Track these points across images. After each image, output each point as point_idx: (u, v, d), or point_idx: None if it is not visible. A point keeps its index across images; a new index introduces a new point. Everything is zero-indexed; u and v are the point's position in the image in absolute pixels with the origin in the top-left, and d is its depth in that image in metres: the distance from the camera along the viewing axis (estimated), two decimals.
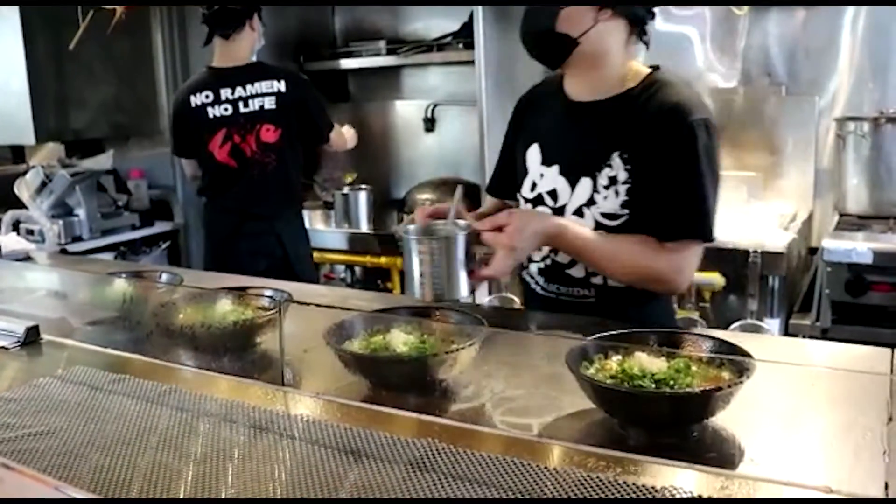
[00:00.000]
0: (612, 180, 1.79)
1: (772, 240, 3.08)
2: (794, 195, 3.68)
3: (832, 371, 1.49)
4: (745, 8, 3.23)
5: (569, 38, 1.81)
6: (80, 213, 4.38)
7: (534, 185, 1.93)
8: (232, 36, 3.28)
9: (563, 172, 1.87)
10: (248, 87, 3.23)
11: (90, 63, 4.55)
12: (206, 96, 3.25)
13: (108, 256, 4.40)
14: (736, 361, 1.33)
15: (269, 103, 3.23)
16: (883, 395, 1.29)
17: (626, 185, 1.78)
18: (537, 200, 1.91)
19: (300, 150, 3.43)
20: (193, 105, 3.27)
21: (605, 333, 1.50)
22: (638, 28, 1.85)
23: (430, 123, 4.54)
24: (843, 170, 3.49)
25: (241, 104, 3.23)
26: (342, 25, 4.81)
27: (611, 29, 1.81)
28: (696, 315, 3.07)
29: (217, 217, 3.46)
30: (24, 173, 4.58)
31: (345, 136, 3.60)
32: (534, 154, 1.95)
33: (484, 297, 3.33)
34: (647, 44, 1.89)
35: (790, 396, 1.40)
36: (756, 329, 2.95)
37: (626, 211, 1.78)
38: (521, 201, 1.97)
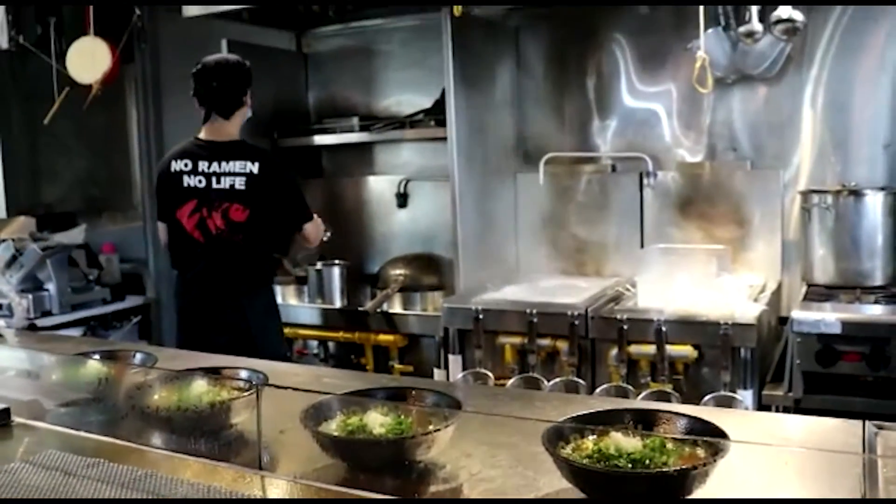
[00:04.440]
0: None
1: (742, 311, 3.11)
2: (763, 267, 3.74)
3: (806, 449, 1.51)
4: (710, 85, 3.32)
5: None
6: (51, 287, 4.35)
7: None
8: (232, 114, 3.33)
9: None
10: (224, 164, 3.25)
11: (65, 137, 4.58)
12: (185, 164, 3.27)
13: (78, 331, 4.36)
14: (710, 440, 1.34)
15: (240, 183, 3.24)
16: (856, 470, 1.30)
17: None
18: None
19: (273, 230, 3.39)
20: (173, 170, 3.29)
21: (580, 413, 1.52)
22: None
23: (402, 199, 4.58)
24: (809, 241, 3.55)
25: (213, 179, 3.25)
26: (316, 102, 4.88)
27: None
28: (669, 388, 3.08)
29: (184, 289, 3.43)
30: None
31: (320, 229, 3.57)
32: None
33: (458, 373, 3.33)
34: None
35: (765, 473, 1.41)
36: (729, 401, 2.97)
37: None
38: None
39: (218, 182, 3.24)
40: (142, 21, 4.42)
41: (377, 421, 1.48)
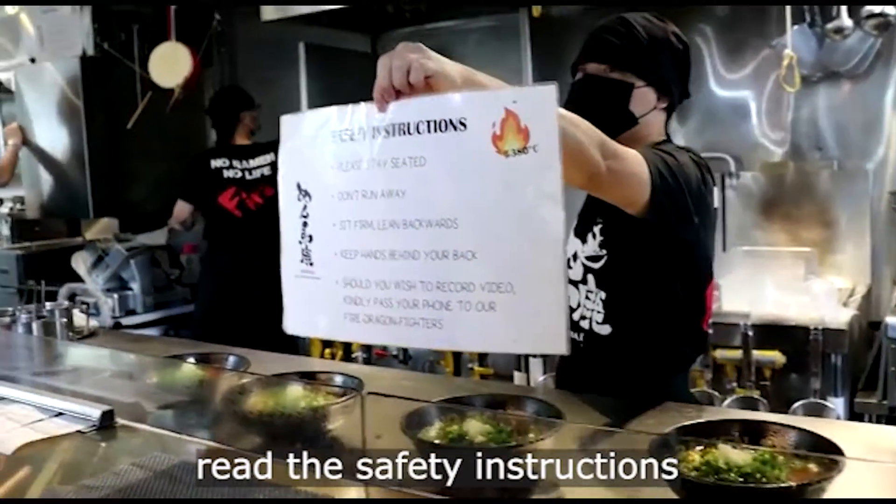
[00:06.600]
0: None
1: (832, 316, 3.02)
2: (852, 270, 3.64)
3: None
4: (797, 84, 3.25)
5: (632, 117, 1.86)
6: (135, 286, 4.45)
7: None
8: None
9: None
10: (251, 160, 4.27)
11: (147, 141, 4.66)
12: (224, 162, 4.26)
13: (160, 329, 4.45)
14: (823, 454, 1.30)
15: (267, 171, 4.24)
16: None
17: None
18: None
19: None
20: (213, 167, 4.25)
21: (683, 424, 1.48)
22: (669, 117, 1.96)
23: None
24: None
25: (247, 173, 4.27)
26: None
27: (658, 116, 1.90)
28: (756, 394, 3.02)
29: (224, 255, 4.33)
30: (80, 247, 4.68)
31: None
32: None
33: (539, 376, 3.30)
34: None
35: (880, 492, 1.36)
36: (820, 409, 2.90)
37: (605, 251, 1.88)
38: None
39: (251, 174, 4.27)
40: (221, 25, 4.49)
41: (477, 429, 1.47)
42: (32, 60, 4.78)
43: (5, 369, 2.09)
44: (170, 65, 4.38)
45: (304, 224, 1.51)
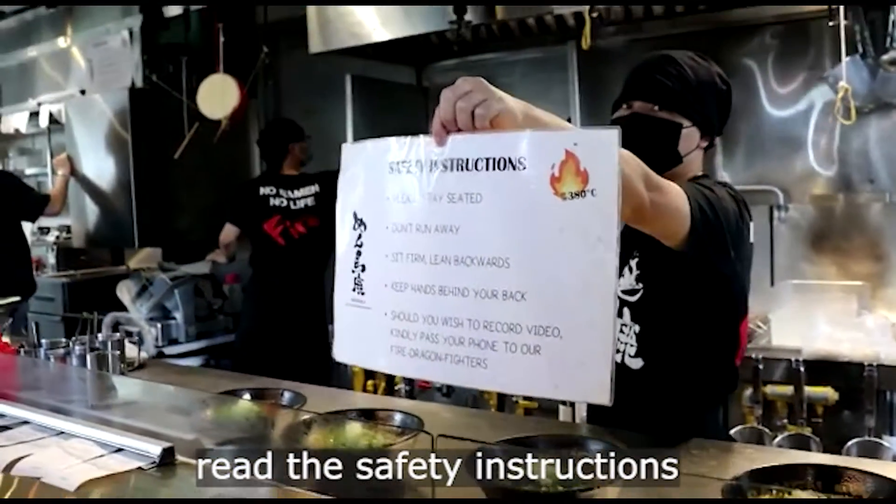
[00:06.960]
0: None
1: (887, 352, 2.96)
2: None
3: None
4: (853, 116, 3.20)
5: (678, 156, 1.89)
6: (178, 316, 4.48)
7: None
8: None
9: None
10: (296, 191, 4.40)
11: (193, 171, 4.73)
12: (271, 190, 4.39)
13: (202, 359, 4.48)
14: None
15: (311, 202, 4.40)
16: None
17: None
18: None
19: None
20: (261, 194, 4.39)
21: (753, 468, 1.46)
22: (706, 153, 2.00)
23: None
24: None
25: (291, 203, 4.39)
26: None
27: (699, 153, 1.94)
28: (808, 431, 2.96)
29: (266, 282, 4.42)
30: (124, 275, 4.73)
31: None
32: None
33: (584, 412, 3.25)
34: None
35: None
36: (875, 447, 2.83)
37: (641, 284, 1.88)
38: None
39: (295, 204, 4.40)
40: (269, 58, 4.55)
41: (543, 471, 1.45)
42: (83, 92, 4.89)
43: (63, 402, 2.10)
44: (218, 97, 4.45)
45: (358, 253, 1.51)
